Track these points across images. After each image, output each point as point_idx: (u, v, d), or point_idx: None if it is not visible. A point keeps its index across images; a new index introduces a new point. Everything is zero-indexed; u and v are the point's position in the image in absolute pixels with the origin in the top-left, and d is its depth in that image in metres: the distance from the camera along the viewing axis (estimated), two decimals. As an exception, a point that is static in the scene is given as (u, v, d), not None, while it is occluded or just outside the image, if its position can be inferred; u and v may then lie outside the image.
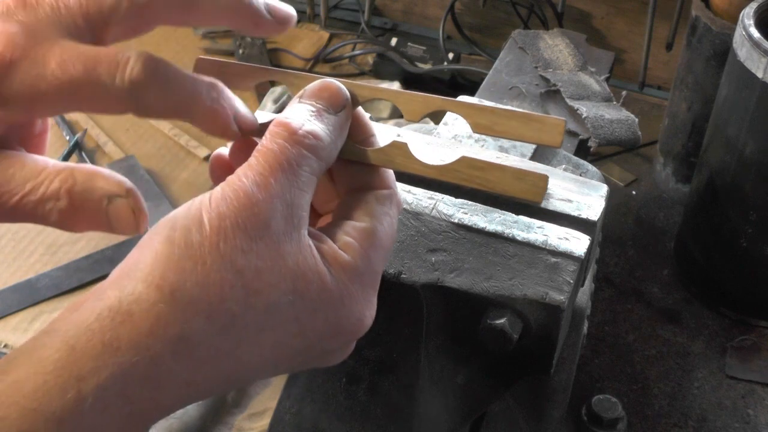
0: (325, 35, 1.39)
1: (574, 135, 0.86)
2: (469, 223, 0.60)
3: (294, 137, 0.43)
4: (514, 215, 0.61)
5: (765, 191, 0.86)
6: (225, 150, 0.50)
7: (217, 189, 0.42)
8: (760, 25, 0.82)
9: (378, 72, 1.31)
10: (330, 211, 0.50)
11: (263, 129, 0.46)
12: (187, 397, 0.42)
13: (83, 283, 0.99)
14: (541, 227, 0.60)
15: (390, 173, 0.49)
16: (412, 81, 1.29)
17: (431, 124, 1.04)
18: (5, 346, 0.93)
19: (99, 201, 0.43)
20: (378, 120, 0.70)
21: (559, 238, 0.59)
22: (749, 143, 0.84)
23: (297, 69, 0.47)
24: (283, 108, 0.47)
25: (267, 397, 0.87)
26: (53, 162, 0.44)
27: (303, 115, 0.45)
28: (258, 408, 0.86)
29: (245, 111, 0.47)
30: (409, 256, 0.59)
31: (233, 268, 0.40)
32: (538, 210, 0.62)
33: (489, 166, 0.48)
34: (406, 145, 0.49)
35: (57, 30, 0.43)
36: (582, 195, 0.63)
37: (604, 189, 0.65)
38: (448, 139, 0.70)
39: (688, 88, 1.01)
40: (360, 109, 0.49)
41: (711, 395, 0.88)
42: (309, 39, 1.38)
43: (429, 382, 0.64)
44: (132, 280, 0.40)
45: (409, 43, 1.34)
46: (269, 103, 1.17)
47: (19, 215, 0.43)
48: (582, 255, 0.58)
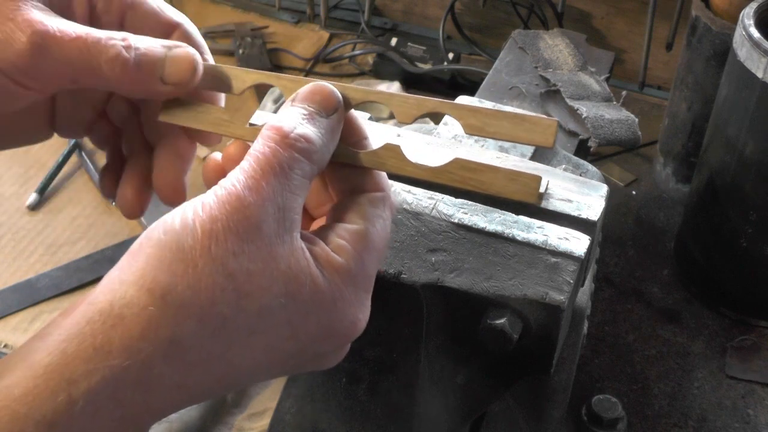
0: (325, 35, 1.39)
1: (574, 135, 0.86)
2: (469, 223, 0.60)
3: (286, 140, 0.43)
4: (514, 215, 0.61)
5: (765, 191, 0.86)
6: (219, 155, 0.50)
7: (209, 193, 0.42)
8: (760, 25, 0.82)
9: (378, 72, 1.31)
10: (324, 215, 0.50)
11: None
12: (179, 401, 0.42)
13: (83, 283, 0.99)
14: (541, 227, 0.60)
15: (383, 175, 0.49)
16: (412, 81, 1.29)
17: (431, 124, 1.04)
18: (5, 346, 0.93)
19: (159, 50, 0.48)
20: (378, 120, 0.70)
21: (559, 238, 0.59)
22: (749, 143, 0.84)
23: (294, 70, 0.47)
24: None
25: (267, 397, 0.87)
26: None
27: (295, 119, 0.45)
28: (258, 408, 0.86)
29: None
30: (409, 256, 0.59)
31: (225, 271, 0.40)
32: (538, 210, 0.62)
33: (482, 167, 0.48)
34: (398, 148, 0.49)
35: None
36: (582, 195, 0.63)
37: (604, 189, 0.65)
38: (448, 139, 0.70)
39: (688, 88, 1.01)
40: (353, 112, 0.49)
41: (711, 395, 0.88)
42: (309, 39, 1.38)
43: (429, 382, 0.64)
44: (123, 284, 0.40)
45: (409, 43, 1.34)
46: (269, 103, 1.17)
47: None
48: (582, 255, 0.58)
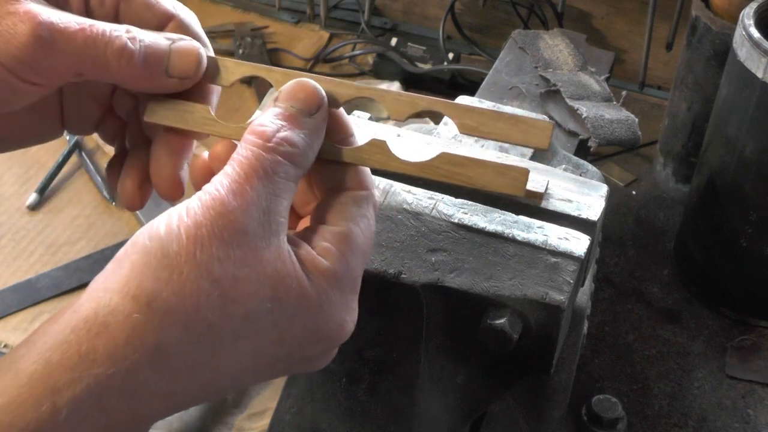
0: (325, 35, 1.39)
1: (574, 135, 0.86)
2: (469, 223, 0.60)
3: (268, 144, 0.43)
4: (514, 215, 0.61)
5: (765, 191, 0.86)
6: (206, 154, 0.50)
7: (194, 198, 0.42)
8: (760, 25, 0.82)
9: (378, 72, 1.31)
10: (310, 213, 0.50)
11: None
12: (166, 408, 0.41)
13: (83, 283, 0.99)
14: (541, 227, 0.60)
15: (367, 173, 0.49)
16: (412, 81, 1.29)
17: (431, 124, 1.04)
18: (5, 346, 0.93)
19: (164, 42, 0.48)
20: (378, 120, 0.70)
21: (559, 238, 0.59)
22: (749, 143, 0.84)
23: (294, 70, 0.47)
24: None
25: (267, 397, 0.87)
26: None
27: (278, 121, 0.45)
28: (258, 408, 0.86)
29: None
30: (409, 256, 0.59)
31: (210, 276, 0.40)
32: (538, 210, 0.62)
33: (469, 161, 0.48)
34: (384, 143, 0.48)
35: None
36: (582, 195, 0.63)
37: (604, 189, 0.65)
38: (448, 139, 0.70)
39: (688, 88, 1.01)
40: (340, 109, 0.49)
41: (711, 395, 0.88)
42: (309, 39, 1.38)
43: (429, 382, 0.64)
44: (108, 291, 0.40)
45: (409, 43, 1.34)
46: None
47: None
48: (582, 255, 0.58)
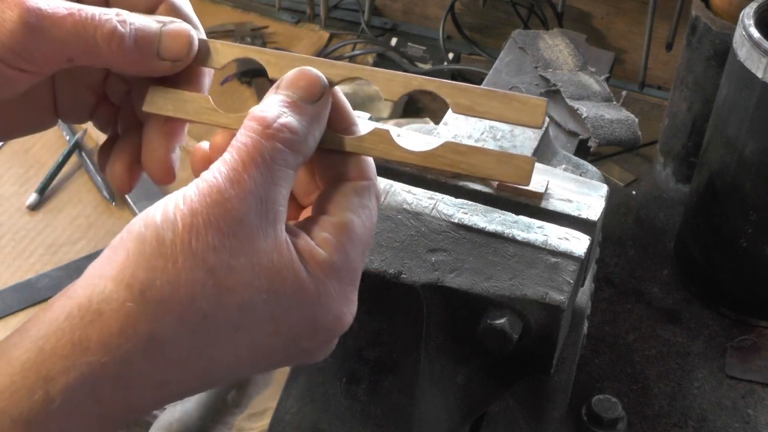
0: (325, 35, 1.39)
1: (574, 135, 0.86)
2: (469, 223, 0.60)
3: (268, 131, 0.43)
4: (514, 215, 0.61)
5: (765, 191, 0.86)
6: (207, 144, 0.50)
7: (191, 185, 0.41)
8: (760, 25, 0.82)
9: (378, 72, 1.31)
10: (312, 203, 0.49)
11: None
12: (160, 398, 0.41)
13: (83, 283, 0.99)
14: (541, 227, 0.60)
15: (370, 163, 0.48)
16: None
17: (431, 124, 1.04)
18: (5, 346, 0.93)
19: (154, 25, 0.47)
20: (378, 120, 0.70)
21: (559, 238, 0.59)
22: (749, 143, 0.84)
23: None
24: None
25: (267, 397, 0.87)
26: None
27: (278, 107, 0.44)
28: (258, 408, 0.86)
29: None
30: (409, 256, 0.59)
31: (205, 266, 0.40)
32: (538, 210, 0.62)
33: (472, 150, 0.47)
34: (387, 132, 0.48)
35: None
36: (582, 195, 0.63)
37: (604, 189, 0.65)
38: (447, 139, 0.70)
39: (688, 88, 1.01)
40: (342, 97, 0.48)
41: (711, 395, 0.88)
42: (309, 39, 1.38)
43: (429, 382, 0.64)
44: (102, 278, 0.40)
45: (409, 43, 1.34)
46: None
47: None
48: (582, 255, 0.58)
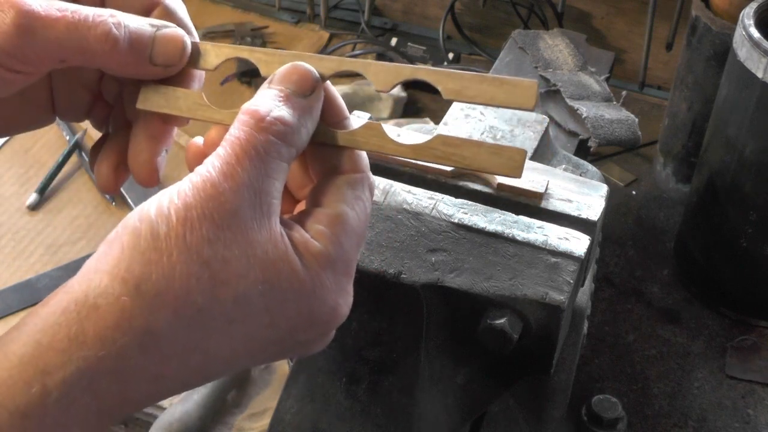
0: (325, 35, 1.39)
1: (574, 135, 0.86)
2: (469, 223, 0.60)
3: (261, 124, 0.43)
4: (514, 215, 0.61)
5: (765, 191, 0.86)
6: (201, 139, 0.50)
7: (185, 180, 0.42)
8: (760, 25, 0.82)
9: (378, 72, 1.31)
10: (306, 196, 0.49)
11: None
12: (157, 392, 0.41)
13: (83, 283, 0.99)
14: (541, 227, 0.60)
15: (363, 157, 0.48)
16: (411, 81, 1.28)
17: (431, 124, 1.04)
18: (5, 346, 0.93)
19: (148, 29, 0.47)
20: (378, 120, 0.70)
21: (559, 238, 0.59)
22: (749, 143, 0.84)
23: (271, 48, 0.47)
24: None
25: (267, 397, 0.87)
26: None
27: (271, 101, 0.44)
28: (258, 408, 0.86)
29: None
30: (409, 256, 0.59)
31: (199, 259, 0.40)
32: (538, 210, 0.62)
33: (464, 142, 0.47)
34: (379, 126, 0.48)
35: None
36: (582, 195, 0.63)
37: (604, 189, 0.65)
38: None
39: (688, 88, 1.01)
40: (334, 92, 0.48)
41: (711, 395, 0.88)
42: (309, 39, 1.38)
43: (429, 382, 0.64)
44: (98, 273, 0.40)
45: (409, 43, 1.34)
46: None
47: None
48: (582, 255, 0.58)
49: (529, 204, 0.62)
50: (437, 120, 0.73)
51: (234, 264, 0.41)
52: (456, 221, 0.60)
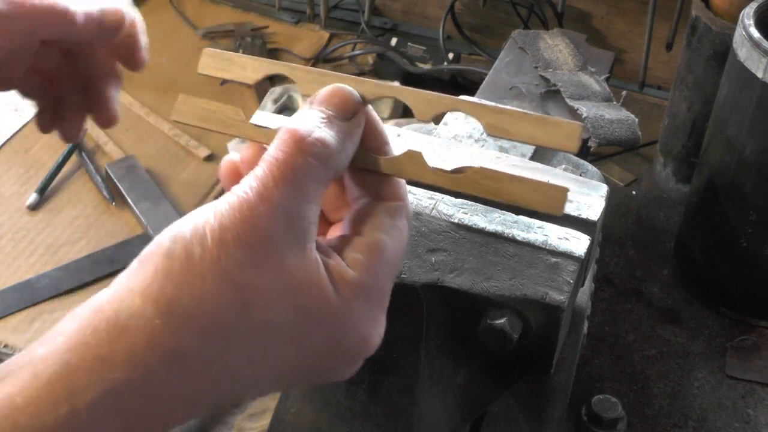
0: (325, 35, 1.39)
1: (574, 135, 0.85)
2: (469, 223, 0.60)
3: (301, 145, 0.42)
4: (514, 215, 0.61)
5: (765, 191, 0.86)
6: (236, 156, 0.49)
7: (222, 200, 0.41)
8: (760, 25, 0.82)
9: (378, 72, 1.31)
10: (340, 219, 0.49)
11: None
12: (184, 413, 0.41)
13: (83, 283, 0.99)
14: (541, 227, 0.60)
15: (402, 184, 0.47)
16: (412, 81, 1.28)
17: (431, 124, 1.04)
18: (5, 346, 0.93)
19: None
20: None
21: (559, 238, 0.59)
22: (749, 143, 0.84)
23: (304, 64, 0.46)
24: (283, 108, 0.47)
25: (267, 397, 0.86)
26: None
27: (312, 122, 0.43)
28: (258, 408, 0.86)
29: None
30: (409, 256, 0.59)
31: (233, 283, 0.40)
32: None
33: (506, 177, 0.46)
34: (420, 155, 0.47)
35: None
36: (582, 195, 0.63)
37: (604, 189, 0.65)
38: (447, 139, 0.70)
39: (688, 88, 1.01)
40: (375, 117, 0.47)
41: (711, 395, 0.88)
42: (309, 39, 1.38)
43: (429, 382, 0.64)
44: (130, 293, 0.40)
45: (409, 43, 1.34)
46: (269, 103, 1.17)
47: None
48: (582, 255, 0.58)
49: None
50: (437, 119, 0.73)
51: (266, 290, 0.40)
52: (456, 221, 0.60)
